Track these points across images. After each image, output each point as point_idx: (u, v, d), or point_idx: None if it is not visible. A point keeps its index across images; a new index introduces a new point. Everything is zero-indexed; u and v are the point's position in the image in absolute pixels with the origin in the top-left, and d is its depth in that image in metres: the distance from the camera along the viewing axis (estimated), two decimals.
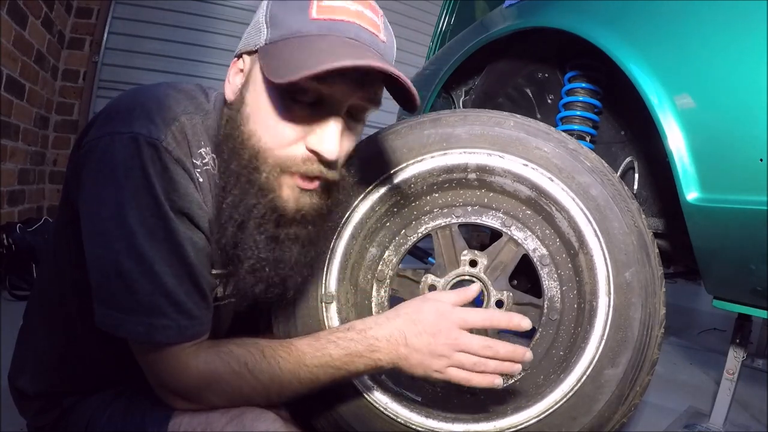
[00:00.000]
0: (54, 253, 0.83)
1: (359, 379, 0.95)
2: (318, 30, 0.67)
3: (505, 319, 0.79)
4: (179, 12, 3.38)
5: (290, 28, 0.68)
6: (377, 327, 0.77)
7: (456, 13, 2.38)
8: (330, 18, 0.68)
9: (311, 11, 0.68)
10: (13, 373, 0.88)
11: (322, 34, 0.67)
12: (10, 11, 2.31)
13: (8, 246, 2.21)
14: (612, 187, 0.96)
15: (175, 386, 0.74)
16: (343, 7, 0.69)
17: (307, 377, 0.75)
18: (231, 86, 0.76)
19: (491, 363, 0.76)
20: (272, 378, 0.74)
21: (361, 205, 1.02)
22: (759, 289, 1.00)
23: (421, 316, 0.78)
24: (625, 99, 1.33)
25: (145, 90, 0.73)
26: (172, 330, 0.69)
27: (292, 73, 0.63)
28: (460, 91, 1.63)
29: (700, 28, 0.92)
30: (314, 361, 0.75)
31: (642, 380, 0.91)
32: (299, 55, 0.65)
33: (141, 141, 0.66)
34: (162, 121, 0.68)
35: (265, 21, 0.71)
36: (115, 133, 0.67)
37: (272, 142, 0.70)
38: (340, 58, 0.63)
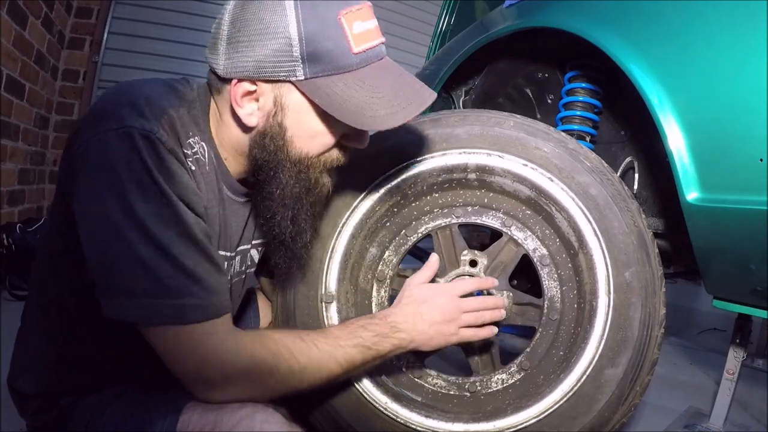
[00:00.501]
0: (49, 255, 0.83)
1: (359, 379, 0.95)
2: (360, 62, 0.76)
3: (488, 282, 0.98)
4: (179, 12, 3.38)
5: (336, 63, 0.74)
6: (394, 314, 0.89)
7: (456, 13, 2.38)
8: (366, 48, 0.76)
9: (351, 45, 0.74)
10: (12, 373, 0.88)
11: (363, 65, 0.77)
12: (10, 11, 2.31)
13: (8, 246, 2.21)
14: (612, 187, 0.96)
15: (211, 371, 0.72)
16: (369, 30, 0.77)
17: (343, 357, 0.80)
18: (246, 111, 0.77)
19: (486, 314, 0.93)
20: (311, 358, 0.77)
21: (362, 205, 1.02)
22: (759, 289, 1.00)
23: (426, 296, 0.91)
24: (625, 99, 1.34)
25: (129, 87, 0.74)
26: (200, 308, 0.70)
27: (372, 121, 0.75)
28: (460, 91, 1.63)
29: (701, 28, 0.92)
30: (349, 342, 0.81)
31: (642, 380, 0.91)
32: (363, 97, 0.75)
33: (135, 134, 0.67)
34: (152, 115, 0.70)
35: (300, 55, 0.72)
36: (108, 130, 0.68)
37: (318, 152, 0.81)
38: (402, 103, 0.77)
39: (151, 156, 0.68)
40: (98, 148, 0.68)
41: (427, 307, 0.90)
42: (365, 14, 0.76)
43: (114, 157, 0.67)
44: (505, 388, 0.99)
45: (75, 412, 0.83)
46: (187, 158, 0.74)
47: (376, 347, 0.84)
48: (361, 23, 0.75)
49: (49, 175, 3.11)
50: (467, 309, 0.92)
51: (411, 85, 0.80)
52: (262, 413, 0.73)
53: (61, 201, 0.78)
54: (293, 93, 0.75)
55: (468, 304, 0.92)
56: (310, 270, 1.01)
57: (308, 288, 1.01)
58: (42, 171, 3.03)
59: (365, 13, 0.76)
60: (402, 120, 0.76)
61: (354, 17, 0.74)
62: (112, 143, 0.67)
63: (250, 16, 0.73)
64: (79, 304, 0.81)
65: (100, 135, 0.68)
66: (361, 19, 0.75)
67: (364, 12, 0.76)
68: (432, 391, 1.02)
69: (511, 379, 1.00)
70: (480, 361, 1.03)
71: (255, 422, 0.72)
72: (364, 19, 0.75)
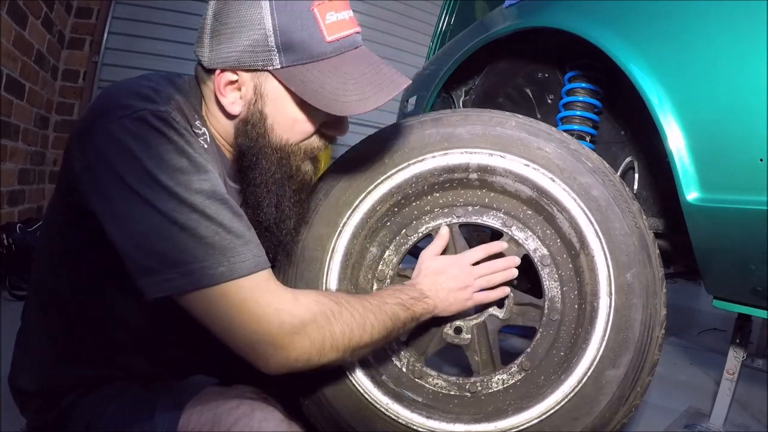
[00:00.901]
0: (49, 254, 0.83)
1: (359, 380, 0.95)
2: (333, 50, 0.78)
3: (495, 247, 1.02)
4: (179, 12, 3.39)
5: (309, 52, 0.76)
6: (420, 283, 0.95)
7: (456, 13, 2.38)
8: (339, 37, 0.78)
9: (324, 34, 0.76)
10: (12, 372, 0.88)
11: (337, 53, 0.78)
12: (10, 11, 2.31)
13: (8, 246, 2.21)
14: (613, 188, 0.96)
15: (273, 327, 0.70)
16: (343, 20, 0.79)
17: (390, 311, 0.84)
18: (228, 99, 0.80)
19: (497, 276, 0.99)
20: (365, 308, 0.81)
21: (362, 205, 1.02)
22: (759, 289, 1.00)
23: (441, 267, 0.98)
24: (625, 99, 1.34)
25: (127, 83, 0.76)
26: (249, 260, 0.71)
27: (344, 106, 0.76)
28: (460, 91, 1.63)
29: (701, 28, 0.92)
30: (392, 300, 0.87)
31: (643, 381, 0.91)
32: (336, 83, 0.77)
33: (149, 116, 0.69)
34: (161, 100, 0.73)
35: (275, 45, 0.75)
36: (120, 117, 0.69)
37: (298, 139, 0.83)
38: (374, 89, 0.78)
39: (169, 130, 0.70)
40: (109, 137, 0.68)
41: (444, 277, 0.96)
42: (338, 5, 0.78)
43: (129, 139, 0.68)
44: (505, 388, 0.99)
45: (75, 412, 0.83)
46: (198, 137, 0.78)
47: (413, 308, 0.89)
48: (334, 13, 0.77)
49: (49, 175, 3.11)
50: (479, 275, 0.98)
51: (385, 72, 0.81)
52: (260, 411, 0.74)
53: (62, 201, 0.77)
54: (271, 81, 0.78)
55: (479, 270, 0.99)
56: (310, 270, 1.01)
57: (308, 288, 1.01)
58: (42, 171, 3.03)
59: (338, 4, 0.78)
60: (374, 105, 0.77)
61: (326, 8, 0.77)
62: (125, 127, 0.68)
63: (230, 10, 0.76)
64: (78, 303, 0.81)
65: (109, 126, 0.68)
66: (333, 10, 0.77)
67: (338, 4, 0.78)
68: (433, 392, 1.01)
69: (511, 380, 1.00)
70: (480, 361, 1.03)
71: (253, 420, 0.72)
72: (337, 9, 0.78)
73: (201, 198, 0.69)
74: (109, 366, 0.85)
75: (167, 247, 0.67)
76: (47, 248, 0.84)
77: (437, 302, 0.94)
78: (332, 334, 0.74)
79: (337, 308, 0.77)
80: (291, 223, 0.88)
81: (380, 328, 0.81)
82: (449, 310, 0.97)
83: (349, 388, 0.95)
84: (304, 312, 0.73)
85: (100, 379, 0.85)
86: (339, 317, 0.76)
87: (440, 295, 0.94)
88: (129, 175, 0.67)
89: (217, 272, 0.67)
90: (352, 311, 0.78)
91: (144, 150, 0.68)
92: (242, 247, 0.70)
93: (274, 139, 0.81)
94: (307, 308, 0.73)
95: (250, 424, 0.71)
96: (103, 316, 0.82)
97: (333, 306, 0.76)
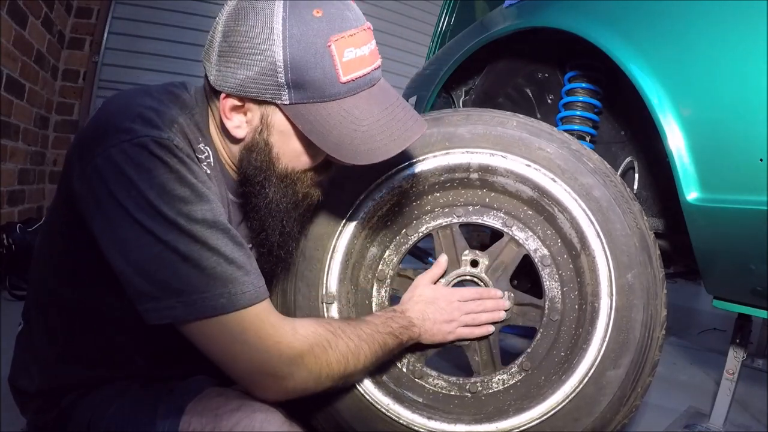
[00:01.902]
0: (49, 254, 0.83)
1: (360, 381, 0.95)
2: (347, 90, 0.74)
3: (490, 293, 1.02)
4: (179, 12, 3.38)
5: (321, 92, 0.72)
6: (409, 310, 0.96)
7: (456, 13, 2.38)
8: (356, 77, 0.73)
9: (339, 74, 0.72)
10: (13, 372, 0.88)
11: (352, 93, 0.74)
12: (10, 11, 2.30)
13: (8, 246, 2.21)
14: (614, 189, 0.96)
15: (272, 358, 0.71)
16: (362, 57, 0.74)
17: (382, 340, 0.86)
18: (233, 123, 0.77)
19: (483, 316, 1.00)
20: (360, 337, 0.82)
21: (363, 205, 1.02)
22: (759, 289, 1.00)
23: (433, 298, 0.99)
24: (625, 99, 1.34)
25: (130, 99, 0.74)
26: (249, 292, 0.70)
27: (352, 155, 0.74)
28: (460, 91, 1.63)
29: (701, 28, 0.92)
30: (384, 329, 0.88)
31: (643, 381, 0.91)
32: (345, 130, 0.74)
33: (149, 143, 0.68)
34: (163, 124, 0.71)
35: (285, 81, 0.71)
36: (120, 143, 0.68)
37: (303, 167, 0.81)
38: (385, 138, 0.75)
39: (170, 158, 0.69)
40: (110, 163, 0.67)
41: (433, 308, 0.98)
42: (359, 39, 0.73)
43: (130, 168, 0.67)
44: (506, 388, 0.99)
45: (76, 412, 0.83)
46: (201, 163, 0.76)
47: (401, 337, 0.91)
48: (353, 50, 0.72)
49: (49, 175, 3.11)
50: (467, 311, 0.99)
51: (399, 118, 0.77)
52: (261, 413, 0.73)
53: (62, 204, 0.77)
54: (278, 114, 0.75)
55: (468, 307, 0.99)
56: (311, 270, 1.01)
57: (309, 289, 1.01)
58: (42, 171, 3.03)
59: (360, 38, 0.73)
60: (383, 156, 0.75)
61: (345, 44, 0.71)
62: (127, 154, 0.67)
63: (240, 34, 0.71)
64: (78, 303, 0.81)
65: (110, 151, 0.68)
66: (353, 46, 0.72)
67: (359, 37, 0.73)
68: (433, 392, 1.01)
69: (512, 380, 1.00)
70: (480, 361, 1.03)
71: (255, 422, 0.72)
72: (357, 45, 0.73)
73: (202, 228, 0.69)
74: (109, 366, 0.85)
75: (169, 277, 0.67)
76: (47, 248, 0.84)
77: (422, 331, 0.96)
78: (329, 365, 0.76)
79: (334, 339, 0.78)
80: (293, 244, 0.88)
81: (372, 357, 0.84)
82: (431, 340, 0.98)
83: (349, 389, 0.95)
84: (302, 344, 0.74)
85: (100, 379, 0.85)
86: (335, 347, 0.77)
87: (426, 325, 0.96)
88: (130, 203, 0.67)
89: (218, 303, 0.68)
90: (348, 341, 0.79)
91: (145, 179, 0.67)
92: (243, 277, 0.70)
93: (279, 168, 0.79)
94: (304, 340, 0.74)
95: (252, 425, 0.71)
96: (102, 317, 0.82)
97: (330, 336, 0.77)
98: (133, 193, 0.67)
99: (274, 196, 0.80)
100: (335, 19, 0.72)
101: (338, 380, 0.79)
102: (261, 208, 0.81)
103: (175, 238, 0.67)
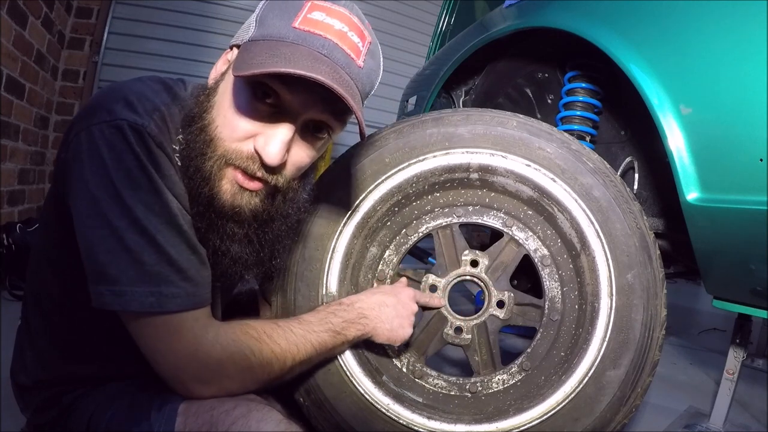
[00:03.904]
0: (45, 249, 0.83)
1: (360, 381, 0.95)
2: (294, 38, 0.69)
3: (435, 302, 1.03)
4: (179, 12, 3.38)
5: (271, 30, 0.71)
6: (361, 301, 0.94)
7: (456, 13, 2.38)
8: (309, 30, 0.70)
9: (296, 20, 0.70)
10: (13, 370, 0.88)
11: (296, 42, 0.69)
12: (10, 11, 2.30)
13: (8, 246, 2.21)
14: (614, 189, 0.96)
15: (192, 364, 0.72)
16: (327, 24, 0.71)
17: (317, 340, 0.85)
18: (214, 73, 0.79)
19: None
20: (288, 341, 0.81)
21: (363, 205, 1.02)
22: (759, 289, 1.00)
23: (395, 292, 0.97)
24: (625, 99, 1.34)
25: (123, 85, 0.75)
26: (180, 297, 0.70)
27: (248, 68, 0.66)
28: (460, 91, 1.63)
29: (701, 28, 0.92)
30: (320, 327, 0.87)
31: (643, 381, 0.91)
32: (262, 55, 0.68)
33: (125, 126, 0.68)
34: (143, 110, 0.71)
35: (255, 19, 0.74)
36: (99, 122, 0.69)
37: (225, 133, 0.73)
38: (295, 66, 0.65)
39: (140, 147, 0.69)
40: (89, 139, 0.69)
41: (394, 299, 0.96)
42: (336, 13, 0.72)
43: (103, 148, 0.68)
44: (506, 388, 0.99)
45: (76, 411, 0.83)
46: (175, 153, 0.75)
47: (344, 332, 0.89)
48: (324, 15, 0.71)
49: (49, 175, 3.11)
50: None
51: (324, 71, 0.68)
52: (257, 412, 0.73)
53: (53, 197, 0.78)
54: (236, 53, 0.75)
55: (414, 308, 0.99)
56: (311, 270, 1.01)
57: (309, 289, 1.01)
58: (42, 171, 3.03)
59: (337, 14, 0.72)
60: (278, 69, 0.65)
61: (319, 7, 0.71)
62: (103, 134, 0.68)
63: None
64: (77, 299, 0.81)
65: (91, 128, 0.69)
66: (326, 13, 0.71)
67: (336, 13, 0.72)
68: (433, 392, 1.01)
69: (512, 380, 1.00)
70: (480, 361, 1.03)
71: (251, 421, 0.72)
72: (330, 15, 0.71)
73: (155, 223, 0.69)
74: (107, 364, 0.85)
75: (108, 263, 0.68)
76: (43, 243, 0.84)
77: (376, 324, 0.93)
78: (251, 370, 0.77)
79: (258, 345, 0.77)
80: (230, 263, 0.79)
81: (303, 358, 0.83)
82: (382, 336, 0.94)
83: (349, 389, 0.95)
84: (221, 353, 0.74)
85: (99, 378, 0.85)
86: (258, 354, 0.77)
87: (382, 317, 0.93)
88: (95, 180, 0.68)
89: (146, 301, 0.68)
90: (273, 346, 0.79)
91: (113, 161, 0.68)
92: (180, 282, 0.70)
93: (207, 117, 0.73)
94: (223, 350, 0.74)
95: (248, 425, 0.71)
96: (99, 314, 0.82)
97: (253, 344, 0.77)
98: (101, 171, 0.68)
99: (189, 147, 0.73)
100: None
101: (265, 382, 0.80)
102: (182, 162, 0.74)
103: (125, 227, 0.67)
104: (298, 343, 0.82)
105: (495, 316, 1.03)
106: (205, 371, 0.74)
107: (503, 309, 1.02)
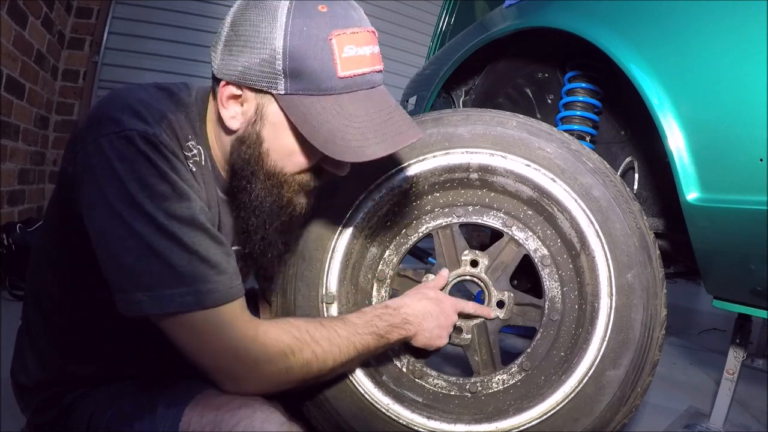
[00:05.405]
0: (47, 251, 0.83)
1: (360, 381, 0.95)
2: (344, 87, 0.73)
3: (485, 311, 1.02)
4: (179, 12, 3.38)
5: (317, 84, 0.72)
6: (407, 306, 0.94)
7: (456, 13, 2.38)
8: (354, 74, 0.73)
9: (337, 68, 0.72)
10: (14, 370, 0.89)
11: (348, 91, 0.74)
12: (10, 11, 2.31)
13: (8, 246, 2.21)
14: (614, 189, 0.96)
15: (236, 358, 0.73)
16: (362, 56, 0.74)
17: (360, 343, 0.85)
18: (229, 113, 0.77)
19: None
20: (332, 342, 0.81)
21: (363, 205, 1.02)
22: (759, 289, 1.00)
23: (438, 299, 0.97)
24: (625, 99, 1.34)
25: (125, 93, 0.75)
26: (219, 292, 0.71)
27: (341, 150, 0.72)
28: (460, 91, 1.63)
29: (701, 28, 0.92)
30: (365, 329, 0.86)
31: (643, 381, 0.91)
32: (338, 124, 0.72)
33: (135, 137, 0.69)
34: (152, 118, 0.72)
35: (282, 69, 0.72)
36: (107, 134, 0.69)
37: (293, 170, 0.79)
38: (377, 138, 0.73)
39: (155, 155, 0.69)
40: (98, 152, 0.69)
41: (436, 310, 0.96)
42: (361, 39, 0.74)
43: (115, 159, 0.68)
44: (506, 388, 0.99)
45: (76, 411, 0.84)
46: (188, 160, 0.76)
47: (387, 336, 0.89)
48: (354, 48, 0.72)
49: (49, 175, 3.11)
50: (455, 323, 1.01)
51: (395, 121, 0.77)
52: (261, 413, 0.74)
53: (59, 203, 0.78)
54: (273, 105, 0.75)
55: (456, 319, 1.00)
56: (311, 270, 1.01)
57: (309, 289, 1.01)
58: (42, 171, 3.03)
59: (362, 38, 0.74)
60: (373, 155, 0.73)
61: (347, 40, 0.72)
62: (114, 146, 0.68)
63: (246, 22, 0.73)
64: (77, 300, 0.81)
65: (99, 140, 0.69)
66: (354, 44, 0.73)
67: (361, 37, 0.74)
68: (433, 392, 1.01)
69: (511, 380, 1.00)
70: (480, 361, 1.03)
71: (255, 422, 0.72)
72: (358, 44, 0.73)
73: (180, 225, 0.69)
74: (107, 364, 0.85)
75: (140, 271, 0.68)
76: (45, 245, 0.85)
77: (418, 330, 0.93)
78: (288, 371, 0.77)
79: (299, 346, 0.77)
80: (274, 252, 0.86)
81: (344, 359, 0.83)
82: (422, 341, 0.95)
83: (349, 389, 0.95)
84: (260, 351, 0.74)
85: (99, 378, 0.85)
86: (298, 355, 0.77)
87: (423, 324, 0.94)
88: (112, 194, 0.68)
89: (185, 300, 0.69)
90: (315, 347, 0.79)
91: (128, 172, 0.68)
92: (215, 276, 0.71)
93: (268, 164, 0.78)
94: (264, 348, 0.75)
95: (252, 425, 0.72)
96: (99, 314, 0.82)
97: (294, 344, 0.77)
98: (117, 184, 0.68)
99: (259, 193, 0.79)
100: (339, 16, 0.73)
101: (301, 383, 0.80)
102: (246, 205, 0.80)
103: (150, 233, 0.68)
104: (341, 345, 0.82)
105: (495, 316, 1.03)
106: (241, 368, 0.74)
107: (503, 309, 1.02)
